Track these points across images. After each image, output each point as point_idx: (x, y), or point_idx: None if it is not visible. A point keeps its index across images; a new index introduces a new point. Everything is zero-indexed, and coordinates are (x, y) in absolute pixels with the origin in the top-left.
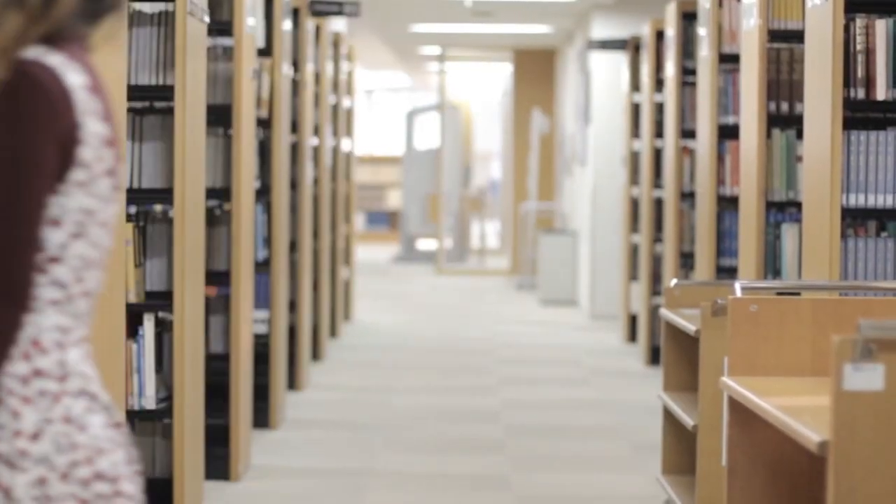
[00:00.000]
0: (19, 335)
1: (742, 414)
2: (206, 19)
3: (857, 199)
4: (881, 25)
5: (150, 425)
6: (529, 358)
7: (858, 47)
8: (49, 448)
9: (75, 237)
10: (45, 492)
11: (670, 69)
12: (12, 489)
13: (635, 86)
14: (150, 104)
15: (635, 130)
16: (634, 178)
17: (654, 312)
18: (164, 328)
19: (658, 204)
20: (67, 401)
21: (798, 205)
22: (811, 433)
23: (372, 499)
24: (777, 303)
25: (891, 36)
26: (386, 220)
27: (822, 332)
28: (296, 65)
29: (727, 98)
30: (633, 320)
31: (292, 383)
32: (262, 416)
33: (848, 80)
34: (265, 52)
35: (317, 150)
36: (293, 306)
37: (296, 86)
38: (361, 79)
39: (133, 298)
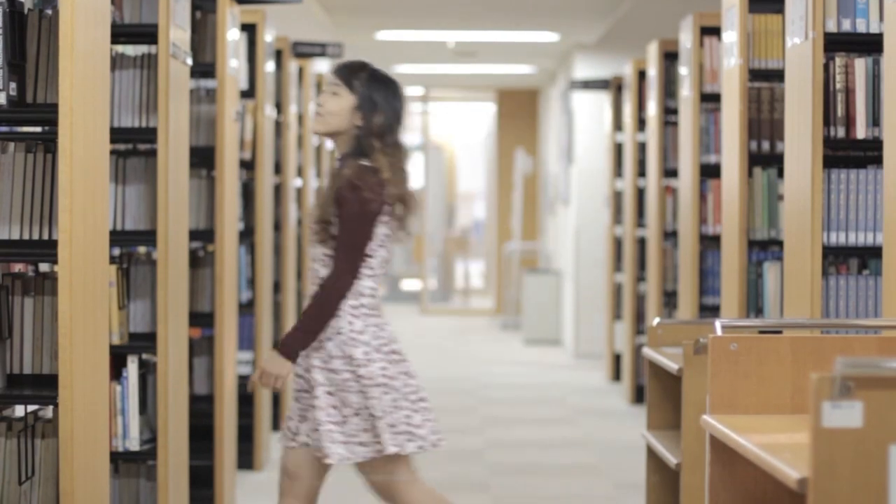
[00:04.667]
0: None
1: (723, 452)
2: (189, 61)
3: (837, 238)
4: (860, 64)
5: (134, 467)
6: (514, 397)
7: (838, 86)
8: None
9: (380, 247)
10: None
11: (652, 108)
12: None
13: (618, 125)
14: (134, 146)
15: (618, 170)
16: (617, 217)
17: (637, 351)
18: (148, 370)
19: (641, 243)
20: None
21: (780, 243)
22: (791, 470)
23: None
24: (756, 341)
25: (870, 75)
26: None
27: (801, 369)
28: (279, 106)
29: (709, 137)
30: (616, 359)
31: (277, 424)
32: (246, 458)
33: (828, 118)
34: (248, 93)
35: (300, 192)
36: None
37: (279, 127)
38: None
39: (117, 340)
